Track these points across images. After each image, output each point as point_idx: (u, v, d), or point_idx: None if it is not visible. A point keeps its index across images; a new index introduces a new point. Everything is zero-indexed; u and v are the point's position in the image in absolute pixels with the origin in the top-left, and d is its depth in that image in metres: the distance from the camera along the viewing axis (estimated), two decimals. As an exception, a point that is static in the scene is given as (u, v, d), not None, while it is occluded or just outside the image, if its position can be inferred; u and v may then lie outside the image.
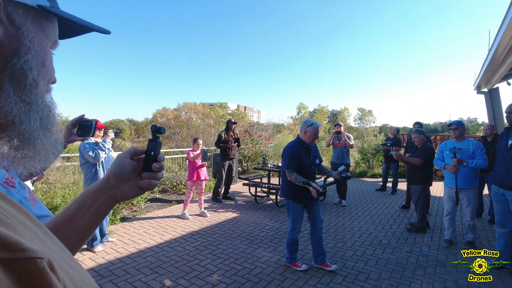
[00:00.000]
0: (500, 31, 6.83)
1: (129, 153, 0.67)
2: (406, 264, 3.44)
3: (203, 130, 15.58)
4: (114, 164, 0.65)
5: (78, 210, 0.61)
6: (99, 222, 0.64)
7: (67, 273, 0.31)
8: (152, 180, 0.66)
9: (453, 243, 4.02)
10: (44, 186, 5.41)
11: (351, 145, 6.22)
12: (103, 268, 3.27)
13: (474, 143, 3.89)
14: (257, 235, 4.36)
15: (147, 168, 0.67)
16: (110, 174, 0.64)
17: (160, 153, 0.69)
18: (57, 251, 0.34)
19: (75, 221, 0.60)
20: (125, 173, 0.64)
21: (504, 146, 3.18)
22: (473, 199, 3.88)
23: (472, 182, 3.87)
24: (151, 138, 0.69)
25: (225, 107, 31.86)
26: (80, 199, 0.62)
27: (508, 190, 3.07)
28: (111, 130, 3.83)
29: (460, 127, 3.99)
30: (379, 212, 5.70)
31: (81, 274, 0.35)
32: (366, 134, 25.95)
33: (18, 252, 0.25)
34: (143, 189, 0.67)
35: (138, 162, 0.68)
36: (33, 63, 0.41)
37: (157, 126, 0.70)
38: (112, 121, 58.71)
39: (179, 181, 7.20)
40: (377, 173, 10.12)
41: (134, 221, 4.96)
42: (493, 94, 12.25)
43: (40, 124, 0.43)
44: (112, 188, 0.64)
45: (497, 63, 8.95)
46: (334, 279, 3.08)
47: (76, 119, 1.28)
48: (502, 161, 3.15)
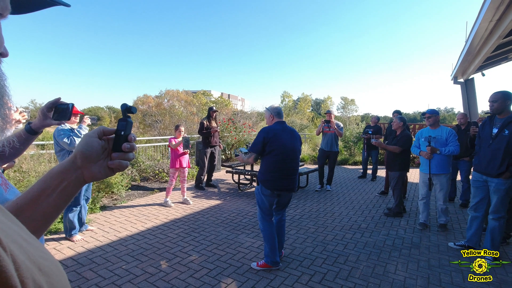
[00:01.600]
0: (476, 23, 7.03)
1: (97, 132, 0.64)
2: (383, 247, 3.59)
3: (186, 118, 15.34)
4: (81, 143, 0.62)
5: (43, 191, 0.57)
6: (66, 204, 0.61)
7: (20, 246, 0.30)
8: (122, 160, 0.64)
9: (427, 226, 4.22)
10: (17, 175, 5.18)
11: (341, 134, 6.33)
12: (82, 257, 3.21)
13: (448, 130, 4.05)
14: (240, 221, 4.40)
15: (117, 148, 0.64)
16: (77, 154, 0.61)
17: (131, 133, 0.66)
18: (8, 225, 0.32)
19: (40, 202, 0.57)
20: (93, 153, 0.62)
21: (489, 134, 3.21)
22: (446, 184, 4.06)
23: (445, 168, 4.04)
24: (121, 117, 0.66)
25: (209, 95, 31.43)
26: (44, 180, 0.59)
27: (493, 177, 3.13)
28: (87, 116, 3.68)
29: (434, 116, 4.15)
30: (359, 198, 5.88)
31: (39, 249, 0.34)
32: (349, 122, 26.47)
33: None
34: (114, 170, 0.64)
35: (108, 142, 0.65)
36: None
37: (127, 105, 0.67)
38: (90, 108, 56.70)
39: (161, 169, 7.10)
40: (358, 160, 10.38)
41: (115, 210, 4.87)
42: (469, 84, 12.73)
43: None
44: (80, 168, 0.61)
45: (473, 54, 9.26)
46: (314, 262, 3.17)
47: (52, 102, 1.20)
48: (487, 149, 3.18)
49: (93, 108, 57.10)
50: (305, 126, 25.10)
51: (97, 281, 2.73)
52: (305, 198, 5.77)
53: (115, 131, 0.65)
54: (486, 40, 7.85)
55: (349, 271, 2.99)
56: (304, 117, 34.95)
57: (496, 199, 3.14)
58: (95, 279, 2.77)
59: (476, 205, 3.39)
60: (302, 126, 25.64)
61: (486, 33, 7.34)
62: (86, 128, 3.59)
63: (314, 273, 2.95)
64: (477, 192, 3.37)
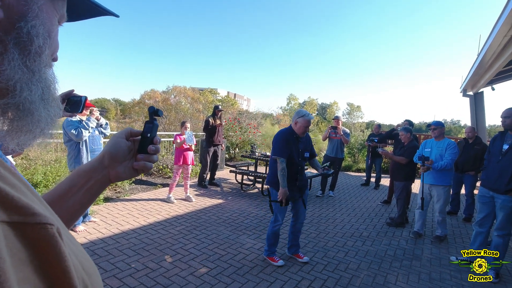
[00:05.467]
0: (490, 37, 6.95)
1: (125, 133, 0.65)
2: (384, 256, 3.57)
3: (192, 114, 15.37)
4: (109, 144, 0.64)
5: (70, 188, 0.59)
6: (91, 202, 0.62)
7: (69, 245, 0.31)
8: (147, 162, 0.65)
9: (420, 235, 4.23)
10: (24, 162, 5.23)
11: (347, 141, 6.31)
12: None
13: (448, 142, 4.06)
14: (242, 222, 4.40)
15: (142, 150, 0.65)
16: (105, 154, 0.62)
17: (156, 135, 0.68)
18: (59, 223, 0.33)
19: (67, 200, 0.58)
20: (120, 153, 0.63)
21: (499, 150, 3.19)
22: (443, 195, 4.04)
23: (443, 180, 4.03)
24: (148, 119, 0.67)
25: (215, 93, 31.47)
26: (72, 178, 0.60)
27: (500, 194, 3.10)
28: (96, 109, 3.71)
29: (439, 128, 4.15)
30: (361, 205, 5.85)
31: (80, 249, 0.36)
32: (354, 129, 26.35)
33: (29, 216, 0.25)
34: (138, 171, 0.65)
35: (134, 143, 0.66)
36: (40, 30, 0.40)
37: (154, 108, 0.68)
38: (97, 99, 57.05)
39: (165, 164, 7.13)
40: (361, 168, 10.33)
41: (118, 202, 4.90)
42: (478, 98, 12.60)
43: (41, 95, 0.41)
44: (106, 167, 0.62)
45: (484, 68, 9.15)
46: (315, 268, 3.17)
47: (65, 93, 1.22)
48: (496, 165, 3.16)
49: (100, 99, 57.44)
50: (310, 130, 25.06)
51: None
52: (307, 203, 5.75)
53: (141, 133, 0.66)
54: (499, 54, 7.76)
55: (349, 279, 2.98)
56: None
57: (502, 216, 3.10)
58: (97, 271, 2.79)
59: (482, 220, 3.36)
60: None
61: (499, 48, 7.26)
62: (95, 120, 3.62)
63: (314, 278, 2.95)
64: (483, 207, 3.34)
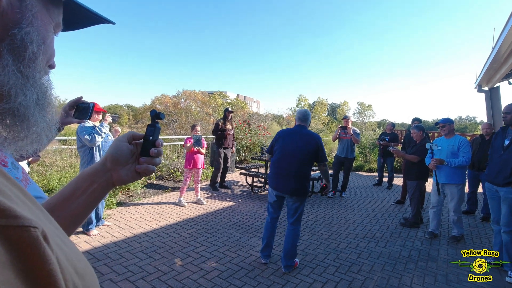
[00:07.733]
0: (505, 30, 6.75)
1: (127, 137, 0.66)
2: (398, 258, 3.49)
3: (202, 118, 15.50)
4: (111, 147, 0.64)
5: (73, 192, 0.59)
6: (95, 205, 0.63)
7: (60, 248, 0.30)
8: (149, 165, 0.65)
9: (435, 236, 4.12)
10: (40, 168, 5.39)
11: (357, 141, 6.23)
12: (98, 251, 3.29)
13: (460, 139, 3.94)
14: (253, 224, 4.40)
15: (145, 153, 0.66)
16: (107, 157, 0.63)
17: (159, 138, 0.68)
18: (50, 226, 0.33)
19: (70, 203, 0.59)
20: (122, 157, 0.63)
21: (501, 145, 3.21)
22: (457, 194, 3.93)
23: (456, 178, 3.93)
24: (150, 123, 0.68)
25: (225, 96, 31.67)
26: (76, 181, 0.61)
27: (500, 186, 3.14)
28: (109, 115, 3.79)
29: (448, 125, 4.06)
30: (374, 206, 5.75)
31: (75, 251, 0.35)
32: (365, 128, 25.99)
33: (11, 219, 0.24)
34: (141, 174, 0.66)
35: (136, 147, 0.67)
36: (33, 36, 0.41)
37: (156, 111, 0.69)
38: (110, 106, 58.24)
39: (176, 168, 7.20)
40: (373, 167, 10.17)
41: (130, 206, 4.98)
42: (494, 93, 12.23)
43: (36, 100, 0.42)
44: (109, 171, 0.63)
45: (499, 62, 8.89)
46: (327, 270, 3.12)
47: (74, 100, 1.25)
48: (498, 159, 3.19)
49: (112, 105, 58.63)
50: (320, 130, 24.78)
51: (111, 276, 2.79)
52: (318, 204, 5.71)
53: (143, 136, 0.67)
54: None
55: (362, 281, 2.93)
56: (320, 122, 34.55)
57: (506, 209, 3.08)
58: (110, 274, 2.83)
59: (497, 217, 3.30)
60: (318, 131, 25.32)
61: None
62: (107, 126, 3.70)
63: (327, 281, 2.91)
64: (493, 203, 3.32)
